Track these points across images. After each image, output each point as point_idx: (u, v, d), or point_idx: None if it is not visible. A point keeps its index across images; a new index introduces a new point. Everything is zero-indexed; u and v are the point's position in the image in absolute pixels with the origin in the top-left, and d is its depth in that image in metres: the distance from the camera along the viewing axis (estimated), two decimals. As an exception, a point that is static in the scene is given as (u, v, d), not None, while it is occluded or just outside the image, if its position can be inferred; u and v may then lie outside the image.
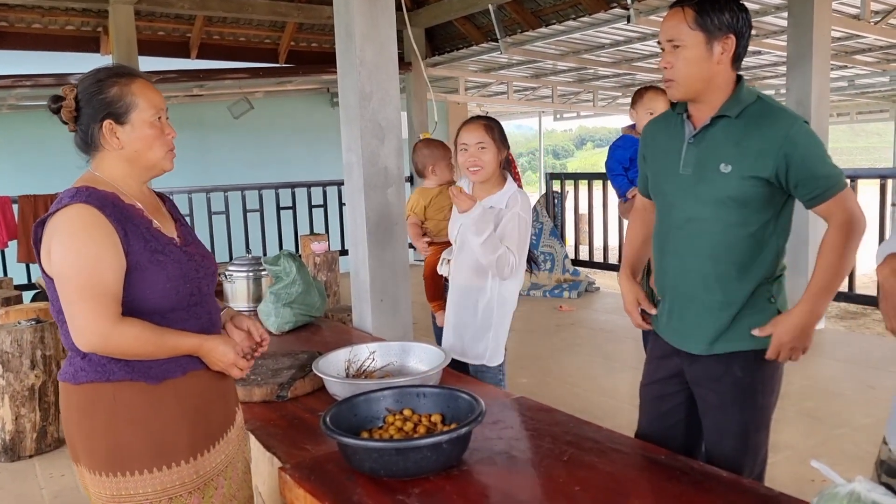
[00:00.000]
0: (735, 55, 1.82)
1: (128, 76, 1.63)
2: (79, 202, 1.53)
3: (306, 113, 10.82)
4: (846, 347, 5.23)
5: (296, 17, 8.15)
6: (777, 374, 1.91)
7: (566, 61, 9.36)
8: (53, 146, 8.74)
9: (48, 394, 3.83)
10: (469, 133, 2.66)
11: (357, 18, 3.25)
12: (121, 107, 1.60)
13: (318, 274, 6.25)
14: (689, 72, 1.81)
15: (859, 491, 1.18)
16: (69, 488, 3.40)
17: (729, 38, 1.79)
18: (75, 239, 1.51)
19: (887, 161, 17.10)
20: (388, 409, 1.87)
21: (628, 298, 2.12)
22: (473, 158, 2.64)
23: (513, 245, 2.56)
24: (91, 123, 1.61)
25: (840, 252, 1.80)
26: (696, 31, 1.78)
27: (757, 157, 1.77)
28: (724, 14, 1.77)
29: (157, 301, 1.59)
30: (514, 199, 2.62)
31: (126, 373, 1.57)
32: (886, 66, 9.73)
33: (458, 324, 2.74)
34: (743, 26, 1.81)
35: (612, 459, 1.74)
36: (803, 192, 1.81)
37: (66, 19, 7.50)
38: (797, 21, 5.56)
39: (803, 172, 1.77)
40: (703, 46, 1.79)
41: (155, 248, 1.60)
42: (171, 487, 1.61)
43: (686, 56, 1.80)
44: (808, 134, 1.79)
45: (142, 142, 1.62)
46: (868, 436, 3.51)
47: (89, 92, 1.60)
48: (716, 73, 1.82)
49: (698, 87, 1.83)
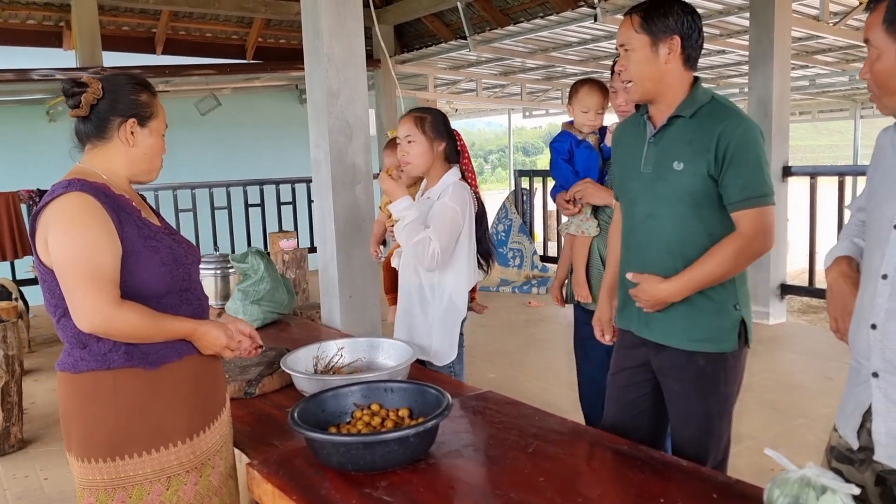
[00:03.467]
0: (685, 56, 1.90)
1: (154, 92, 1.79)
2: (74, 191, 1.59)
3: (274, 109, 10.74)
4: (807, 341, 5.36)
5: (263, 13, 8.09)
6: (739, 365, 1.97)
7: (535, 59, 9.43)
8: (15, 143, 8.61)
9: (11, 394, 3.76)
10: (401, 126, 2.58)
11: (324, 15, 3.25)
12: (147, 112, 1.74)
13: (286, 271, 6.22)
14: (639, 72, 1.91)
15: (809, 476, 1.23)
16: (33, 489, 3.36)
17: (673, 40, 1.88)
18: (72, 226, 1.56)
19: (848, 159, 17.50)
20: (356, 405, 1.89)
21: (598, 316, 2.29)
22: (402, 153, 2.57)
23: (435, 233, 2.45)
24: (112, 116, 1.70)
25: (725, 260, 1.84)
26: (641, 34, 1.90)
27: (702, 153, 1.84)
28: (668, 18, 1.87)
29: (153, 285, 1.64)
30: (446, 190, 2.53)
31: (125, 360, 1.62)
32: (846, 66, 9.95)
33: (405, 318, 2.69)
34: (689, 28, 1.89)
35: (576, 450, 1.78)
36: (726, 192, 1.84)
37: (28, 13, 7.36)
38: (758, 21, 5.67)
39: (731, 172, 1.82)
40: (649, 48, 1.89)
41: (147, 234, 1.67)
42: (170, 467, 1.67)
43: (635, 58, 1.91)
44: (749, 136, 1.83)
45: (150, 148, 1.76)
46: (826, 426, 3.56)
47: (124, 90, 1.72)
48: (665, 73, 1.90)
49: (649, 87, 1.92)
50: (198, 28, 8.39)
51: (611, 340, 2.27)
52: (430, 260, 2.46)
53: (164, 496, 1.66)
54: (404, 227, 2.48)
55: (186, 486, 1.69)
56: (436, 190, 2.58)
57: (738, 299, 1.92)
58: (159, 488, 1.66)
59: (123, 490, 1.63)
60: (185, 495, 1.69)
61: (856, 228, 1.64)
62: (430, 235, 2.45)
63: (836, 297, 1.55)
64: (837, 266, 1.58)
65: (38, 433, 4.02)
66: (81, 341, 1.62)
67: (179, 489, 1.68)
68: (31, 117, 8.46)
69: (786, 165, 5.73)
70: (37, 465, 3.62)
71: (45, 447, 3.84)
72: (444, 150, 2.59)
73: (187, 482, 1.70)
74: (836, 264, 1.59)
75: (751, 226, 1.83)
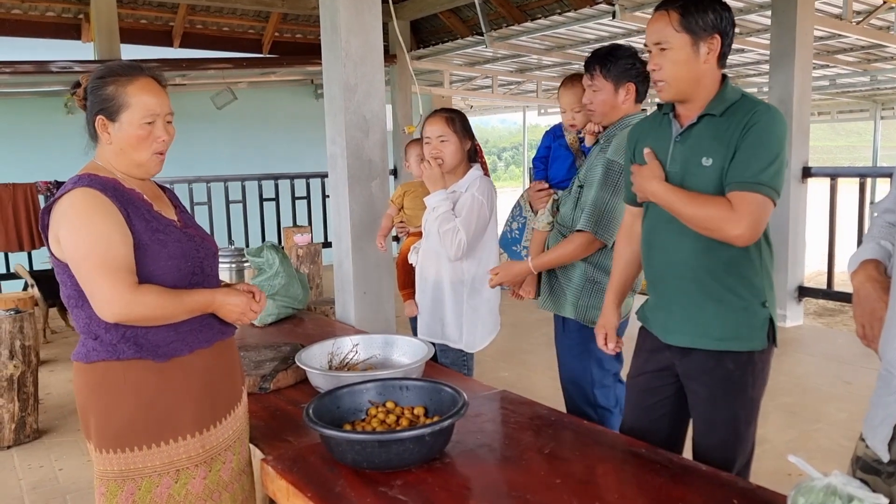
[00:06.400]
0: (721, 54, 1.84)
1: (128, 76, 1.68)
2: (82, 186, 1.61)
3: (290, 104, 10.73)
4: (824, 344, 5.30)
5: (280, 7, 8.09)
6: (766, 368, 1.93)
7: (551, 56, 9.37)
8: (33, 135, 8.67)
9: (27, 384, 3.79)
10: (431, 126, 2.69)
11: (342, 10, 3.24)
12: (112, 105, 1.66)
13: (300, 266, 6.23)
14: (677, 73, 1.83)
15: (835, 484, 1.20)
16: (47, 479, 3.38)
17: (714, 39, 1.81)
18: (83, 219, 1.58)
19: (867, 160, 17.29)
20: (371, 402, 1.87)
21: (602, 322, 2.21)
22: (436, 151, 2.67)
23: (463, 224, 2.60)
24: (90, 115, 1.70)
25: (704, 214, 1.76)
26: (681, 33, 1.80)
27: (730, 146, 1.78)
28: (709, 14, 1.79)
29: (160, 277, 1.64)
30: (473, 184, 2.67)
31: (135, 352, 1.63)
32: (867, 66, 9.83)
33: (433, 310, 2.76)
34: (727, 25, 1.82)
35: (593, 452, 1.76)
36: (730, 172, 1.75)
37: (47, 5, 7.40)
38: (780, 20, 5.61)
39: (743, 151, 1.74)
40: (690, 48, 1.80)
41: (156, 227, 1.67)
42: (178, 460, 1.68)
43: (673, 58, 1.82)
44: (772, 126, 1.76)
45: (126, 141, 1.68)
46: (843, 431, 3.57)
47: (91, 86, 1.69)
48: (703, 73, 1.83)
49: (687, 87, 1.84)
50: (215, 22, 8.40)
51: (614, 350, 2.21)
52: (456, 248, 2.60)
53: (172, 489, 1.67)
54: (437, 216, 2.62)
55: (195, 480, 1.70)
56: (462, 184, 2.69)
57: (765, 297, 1.88)
58: (168, 481, 1.66)
59: (133, 482, 1.64)
60: (194, 489, 1.70)
61: (883, 230, 1.59)
62: (459, 226, 2.59)
63: (863, 301, 1.50)
64: (864, 270, 1.53)
65: (53, 423, 4.05)
66: (93, 332, 1.64)
67: (188, 482, 1.69)
68: (48, 109, 8.49)
69: (805, 166, 5.67)
70: (52, 455, 3.64)
71: (60, 437, 3.86)
72: (469, 150, 2.73)
73: (196, 476, 1.70)
74: (863, 268, 1.54)
75: (743, 204, 1.72)
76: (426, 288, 2.78)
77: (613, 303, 2.20)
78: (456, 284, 2.70)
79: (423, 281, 2.80)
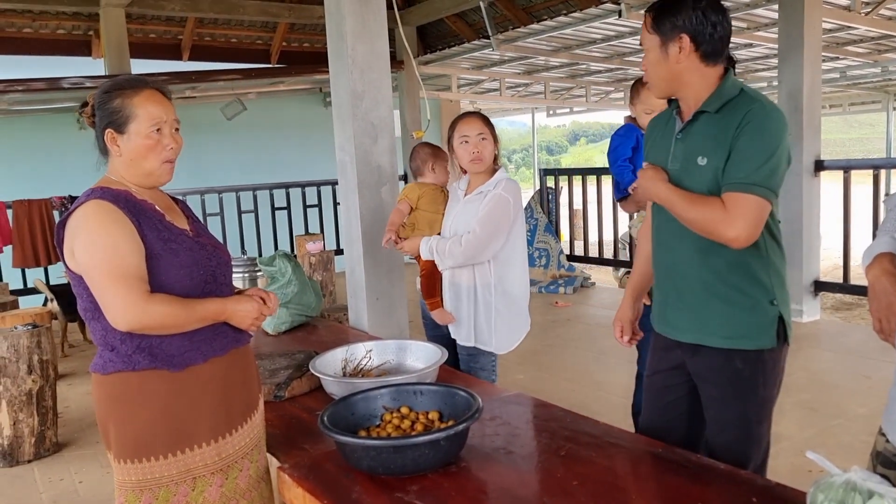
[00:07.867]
0: (701, 52, 1.83)
1: (133, 88, 1.71)
2: (95, 199, 1.64)
3: (299, 113, 10.80)
4: (842, 338, 5.25)
5: (287, 17, 8.14)
6: (778, 366, 1.91)
7: (558, 57, 9.37)
8: (47, 151, 8.77)
9: (46, 398, 3.82)
10: (470, 125, 2.72)
11: (348, 18, 3.25)
12: (120, 118, 1.69)
13: (313, 274, 6.25)
14: (655, 73, 1.89)
15: (855, 480, 1.19)
16: (68, 492, 3.40)
17: (682, 38, 1.82)
18: (96, 230, 1.61)
19: (880, 152, 17.14)
20: (386, 407, 1.88)
21: (619, 315, 2.22)
22: (476, 150, 2.68)
23: (482, 221, 2.61)
24: (98, 131, 1.73)
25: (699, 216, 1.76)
26: (652, 34, 1.87)
27: (724, 146, 1.76)
28: (677, 17, 1.82)
29: (173, 287, 1.66)
30: (500, 184, 2.69)
31: (150, 362, 1.65)
32: (878, 57, 9.75)
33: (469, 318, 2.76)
34: (699, 24, 1.81)
35: (610, 454, 1.75)
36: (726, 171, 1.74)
37: (57, 23, 7.48)
38: (788, 13, 5.57)
39: (737, 151, 1.73)
40: (659, 49, 1.86)
41: (168, 237, 1.69)
42: (195, 468, 1.69)
43: (650, 59, 1.89)
44: (768, 123, 1.74)
45: (136, 152, 1.71)
46: (864, 426, 3.53)
47: (98, 101, 1.72)
48: (679, 72, 1.85)
49: (667, 86, 1.90)
50: (223, 34, 8.46)
51: (630, 343, 2.22)
52: (465, 249, 2.61)
53: (189, 497, 1.68)
54: (440, 252, 2.69)
55: (212, 488, 1.71)
56: (490, 183, 2.72)
57: (774, 295, 1.86)
58: (185, 489, 1.68)
59: (150, 491, 1.65)
60: (210, 496, 1.71)
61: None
62: (468, 230, 2.62)
63: (879, 295, 1.48)
64: (879, 263, 1.51)
65: (72, 437, 4.08)
66: (109, 343, 1.66)
67: (205, 490, 1.70)
68: (61, 125, 8.60)
69: (818, 159, 5.62)
70: (71, 468, 3.67)
71: (80, 450, 3.89)
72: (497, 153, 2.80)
73: (212, 483, 1.71)
74: (878, 261, 1.52)
75: (737, 207, 1.70)
76: (460, 294, 2.76)
77: (631, 297, 2.21)
78: (485, 287, 2.71)
79: (455, 287, 2.79)
